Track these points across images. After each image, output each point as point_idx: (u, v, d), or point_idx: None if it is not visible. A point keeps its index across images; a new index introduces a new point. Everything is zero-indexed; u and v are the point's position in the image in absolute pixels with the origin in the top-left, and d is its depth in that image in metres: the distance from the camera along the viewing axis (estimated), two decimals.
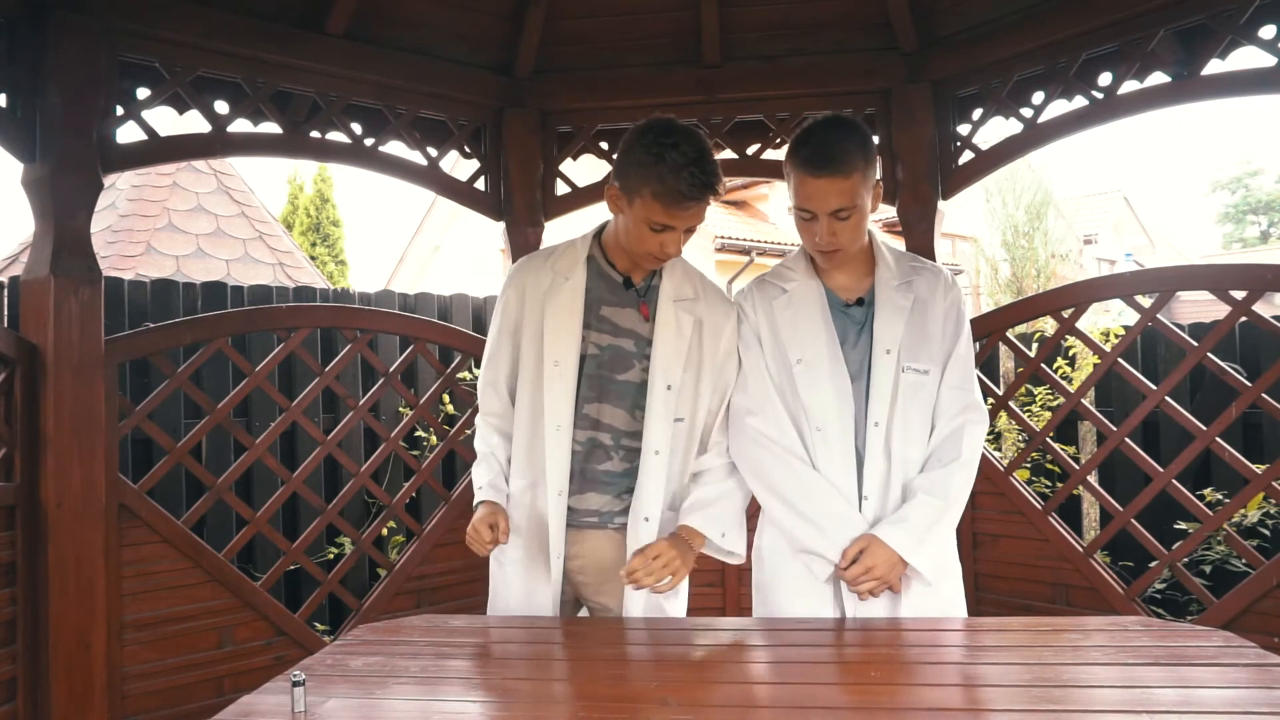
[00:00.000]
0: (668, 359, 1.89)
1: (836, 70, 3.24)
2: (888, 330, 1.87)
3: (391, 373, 3.24)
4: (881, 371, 1.85)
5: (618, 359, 1.92)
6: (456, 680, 1.52)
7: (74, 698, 2.42)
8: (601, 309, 1.92)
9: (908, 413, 1.86)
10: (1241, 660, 1.47)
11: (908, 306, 1.88)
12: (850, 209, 1.79)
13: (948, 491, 1.83)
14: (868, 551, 1.80)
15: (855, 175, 1.77)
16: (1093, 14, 2.76)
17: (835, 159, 1.76)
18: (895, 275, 1.92)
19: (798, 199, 1.83)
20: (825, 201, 1.78)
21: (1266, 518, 3.60)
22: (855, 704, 1.39)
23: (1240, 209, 35.43)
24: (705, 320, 1.94)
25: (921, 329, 1.88)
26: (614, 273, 1.95)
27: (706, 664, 1.65)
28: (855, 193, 1.78)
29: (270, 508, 2.95)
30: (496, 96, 3.34)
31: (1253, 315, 2.63)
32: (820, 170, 1.76)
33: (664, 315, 1.92)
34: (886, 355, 1.85)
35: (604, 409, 1.92)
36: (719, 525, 1.92)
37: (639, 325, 1.92)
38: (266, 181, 70.27)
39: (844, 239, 1.82)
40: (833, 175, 1.76)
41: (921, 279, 1.93)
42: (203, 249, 6.82)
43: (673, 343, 1.90)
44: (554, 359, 1.89)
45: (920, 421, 1.88)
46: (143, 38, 2.61)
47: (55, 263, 2.41)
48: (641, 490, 1.90)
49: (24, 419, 2.40)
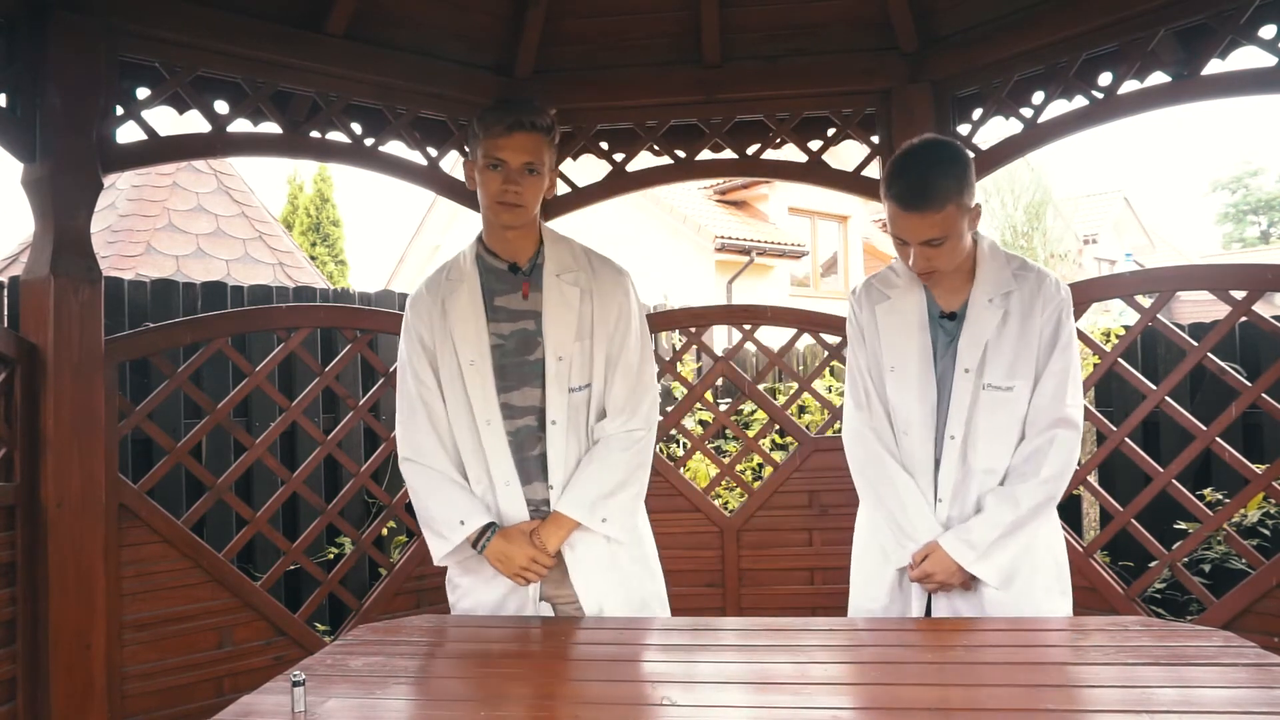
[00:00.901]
0: (557, 331, 1.95)
1: (836, 70, 3.24)
2: (969, 349, 1.90)
3: (391, 373, 3.24)
4: (960, 389, 1.90)
5: (524, 342, 1.97)
6: (456, 680, 1.52)
7: (74, 698, 2.41)
8: (495, 300, 1.98)
9: (987, 427, 1.89)
10: (1241, 660, 1.47)
11: (995, 322, 1.90)
12: (942, 238, 1.82)
13: (1017, 506, 1.86)
14: (930, 558, 1.88)
15: (949, 208, 1.80)
16: (1093, 14, 2.76)
17: (928, 196, 1.79)
18: (991, 289, 1.92)
19: (892, 227, 1.88)
20: (918, 234, 1.83)
21: (1266, 518, 3.61)
22: (855, 704, 1.40)
23: (1240, 209, 35.43)
24: (594, 290, 1.99)
25: (1013, 343, 1.89)
26: (497, 261, 2.00)
27: (707, 664, 1.65)
28: (947, 225, 1.81)
29: (270, 508, 2.95)
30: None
31: (1253, 315, 2.63)
32: (911, 206, 1.80)
33: (549, 290, 1.97)
34: (965, 374, 1.89)
35: (517, 394, 1.96)
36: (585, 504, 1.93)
37: (531, 305, 1.97)
38: (266, 181, 70.27)
39: (939, 263, 1.86)
40: (925, 211, 1.80)
41: (1022, 290, 1.92)
42: (203, 249, 6.82)
43: (561, 315, 1.96)
44: (469, 358, 1.94)
45: (1002, 435, 1.90)
46: (143, 38, 2.61)
47: (55, 263, 2.41)
48: (548, 461, 1.95)
49: (24, 419, 2.40)
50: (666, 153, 3.44)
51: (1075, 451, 1.89)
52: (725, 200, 15.79)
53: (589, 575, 1.97)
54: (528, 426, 1.96)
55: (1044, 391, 1.88)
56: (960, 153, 1.87)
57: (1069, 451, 1.88)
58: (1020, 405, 1.89)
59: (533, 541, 1.91)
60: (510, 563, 1.90)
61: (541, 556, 1.90)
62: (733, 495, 4.52)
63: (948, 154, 1.84)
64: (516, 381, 1.96)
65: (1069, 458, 1.88)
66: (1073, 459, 1.89)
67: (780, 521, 3.28)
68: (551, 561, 1.92)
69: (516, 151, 1.87)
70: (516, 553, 1.90)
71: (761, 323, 3.40)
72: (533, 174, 1.90)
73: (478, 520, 1.93)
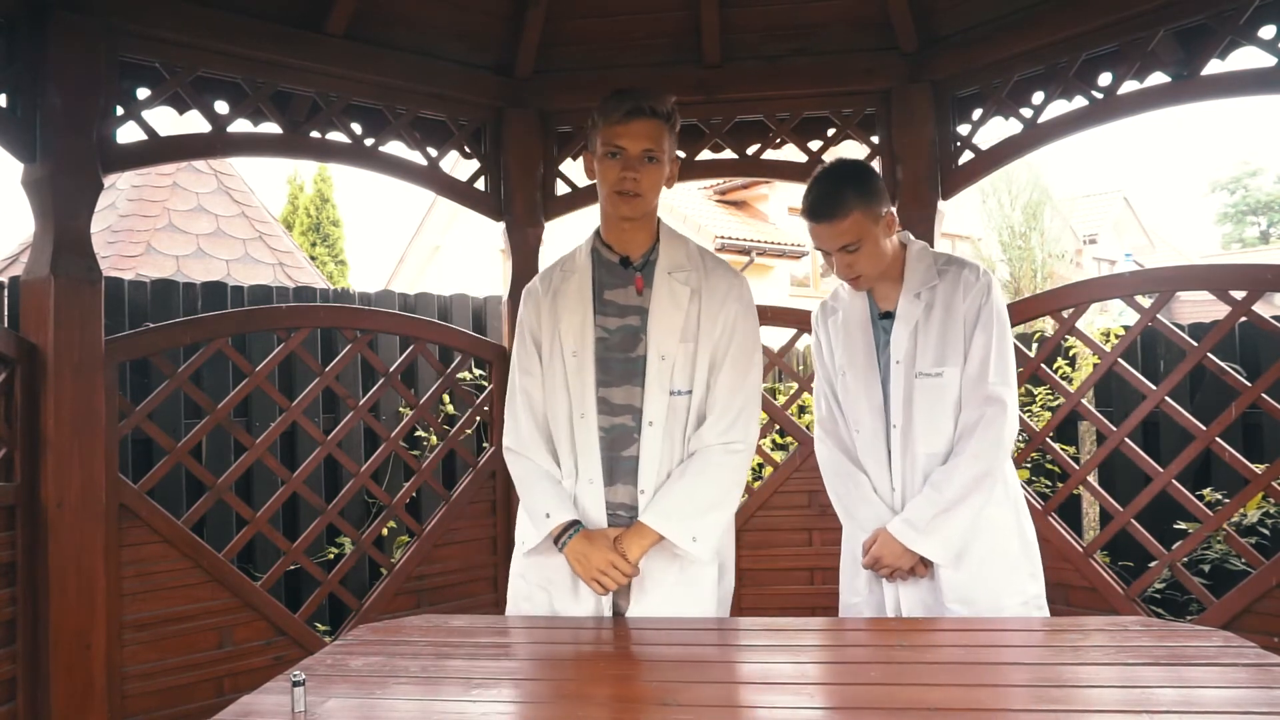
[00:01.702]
0: (662, 330, 1.89)
1: (836, 70, 3.24)
2: (898, 342, 2.04)
3: (391, 373, 3.24)
4: (895, 380, 2.04)
5: (628, 338, 1.91)
6: (456, 680, 1.52)
7: (74, 698, 2.41)
8: (605, 293, 1.94)
9: (925, 414, 2.01)
10: (1241, 660, 1.47)
11: (919, 316, 2.03)
12: (855, 243, 1.98)
13: (950, 482, 1.95)
14: (878, 543, 1.99)
15: (854, 215, 1.95)
16: (1092, 14, 2.76)
17: (832, 207, 1.97)
18: (916, 285, 2.05)
19: (812, 241, 2.06)
20: (830, 242, 1.99)
21: (1266, 517, 3.61)
22: (855, 703, 1.40)
23: (1240, 209, 35.42)
24: (705, 291, 1.93)
25: (938, 330, 2.01)
26: (611, 254, 1.96)
27: (707, 664, 1.65)
28: (856, 232, 1.97)
29: (270, 508, 2.95)
30: (496, 96, 3.34)
31: (1252, 315, 2.63)
32: (818, 217, 1.99)
33: (659, 287, 1.91)
34: (896, 365, 2.04)
35: (618, 391, 1.90)
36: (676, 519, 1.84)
37: (641, 301, 1.92)
38: (266, 181, 70.27)
39: (861, 267, 2.01)
40: (830, 220, 1.97)
41: (944, 282, 2.04)
42: (203, 249, 6.82)
43: (668, 314, 1.90)
44: (571, 349, 1.90)
45: (937, 419, 2.01)
46: (143, 38, 2.61)
47: (55, 263, 2.41)
48: (640, 463, 1.88)
49: (24, 419, 2.40)
50: None
51: (1004, 426, 1.96)
52: (725, 200, 15.78)
53: (651, 591, 1.87)
54: (623, 426, 1.89)
55: (969, 373, 2.00)
56: (864, 169, 2.03)
57: (997, 427, 1.95)
58: (952, 389, 2.00)
59: (615, 548, 1.82)
60: (588, 564, 1.81)
61: (621, 564, 1.80)
62: None
63: (851, 170, 2.02)
64: (618, 378, 1.90)
65: (998, 433, 1.95)
66: (1003, 433, 1.96)
67: (780, 521, 3.28)
68: (631, 570, 1.81)
69: (635, 139, 1.84)
70: (596, 556, 1.81)
71: (761, 323, 3.39)
72: (652, 162, 1.86)
73: (563, 515, 1.85)
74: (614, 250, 1.95)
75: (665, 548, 1.85)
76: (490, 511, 3.42)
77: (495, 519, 3.43)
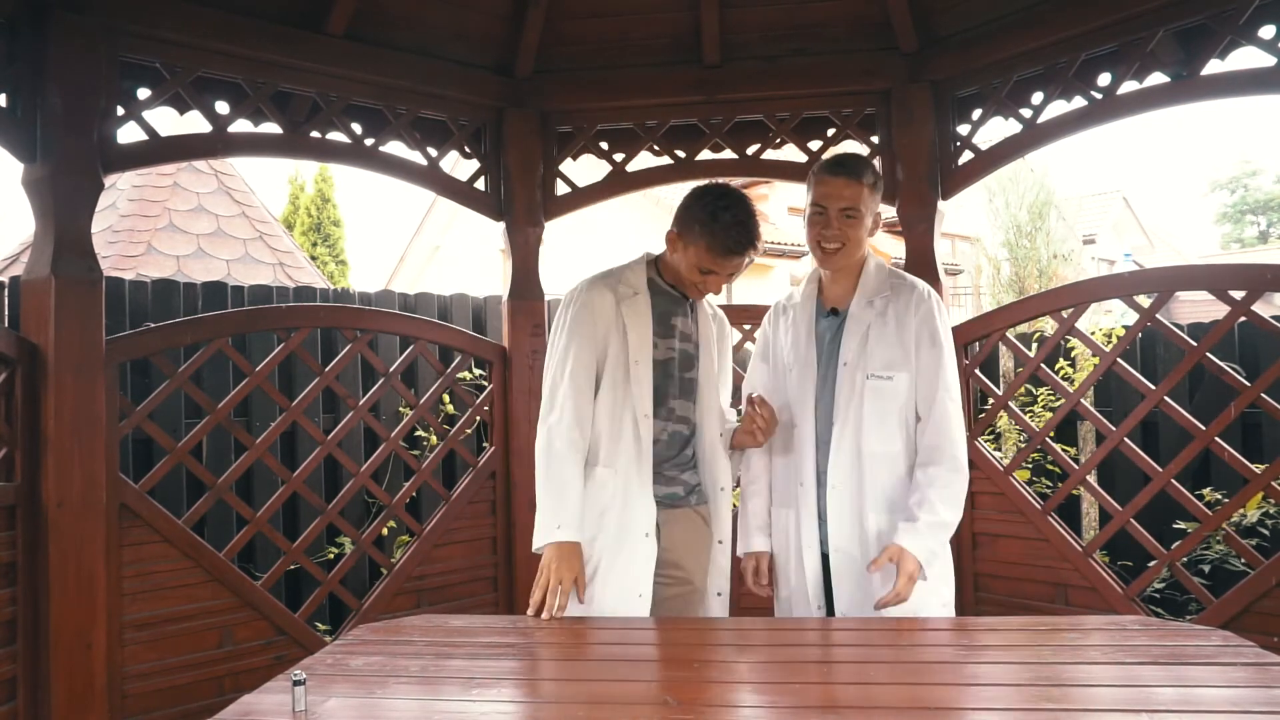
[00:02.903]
0: (709, 357, 2.27)
1: (836, 70, 3.24)
2: (849, 344, 2.13)
3: (391, 373, 3.24)
4: (843, 380, 2.13)
5: (686, 360, 2.23)
6: (456, 680, 1.53)
7: (74, 697, 2.42)
8: (671, 319, 2.21)
9: (874, 415, 2.10)
10: (1240, 659, 1.47)
11: (871, 321, 2.14)
12: (855, 211, 2.09)
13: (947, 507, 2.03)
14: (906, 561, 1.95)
15: (865, 184, 2.10)
16: (1092, 14, 2.76)
17: (855, 165, 2.13)
18: (871, 293, 2.16)
19: (814, 197, 2.14)
20: (838, 198, 2.09)
21: (1266, 517, 3.60)
22: (855, 703, 1.40)
23: (1239, 209, 35.42)
24: (718, 323, 2.35)
25: (890, 339, 2.12)
26: (673, 291, 2.23)
27: (707, 664, 1.65)
28: (861, 198, 2.09)
29: (270, 508, 2.95)
30: (496, 96, 3.34)
31: (1252, 315, 2.63)
32: (837, 170, 2.11)
33: (703, 323, 2.28)
34: (844, 367, 2.12)
35: (680, 403, 2.21)
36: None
37: (693, 331, 2.26)
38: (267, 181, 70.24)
39: (848, 237, 2.11)
40: (850, 176, 2.10)
41: (897, 296, 2.15)
42: (203, 249, 6.81)
43: (709, 344, 2.28)
44: (635, 358, 2.13)
45: (887, 420, 2.10)
46: (143, 38, 2.61)
47: (56, 263, 2.41)
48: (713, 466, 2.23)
49: (25, 419, 2.40)
50: (666, 153, 3.44)
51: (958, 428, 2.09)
52: None
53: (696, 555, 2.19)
54: (680, 432, 2.21)
55: (923, 386, 2.10)
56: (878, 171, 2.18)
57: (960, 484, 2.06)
58: (900, 394, 2.10)
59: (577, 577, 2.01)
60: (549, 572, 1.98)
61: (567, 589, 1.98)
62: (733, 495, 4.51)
63: (871, 160, 2.22)
64: (679, 391, 2.21)
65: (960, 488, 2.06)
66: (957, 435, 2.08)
67: None
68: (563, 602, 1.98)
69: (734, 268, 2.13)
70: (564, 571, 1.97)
71: (761, 323, 3.40)
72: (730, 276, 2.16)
73: (569, 535, 2.01)
74: (674, 287, 2.23)
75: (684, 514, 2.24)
76: (490, 511, 3.43)
77: (495, 519, 3.43)
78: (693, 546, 2.20)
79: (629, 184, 3.48)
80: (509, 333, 3.45)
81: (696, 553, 2.20)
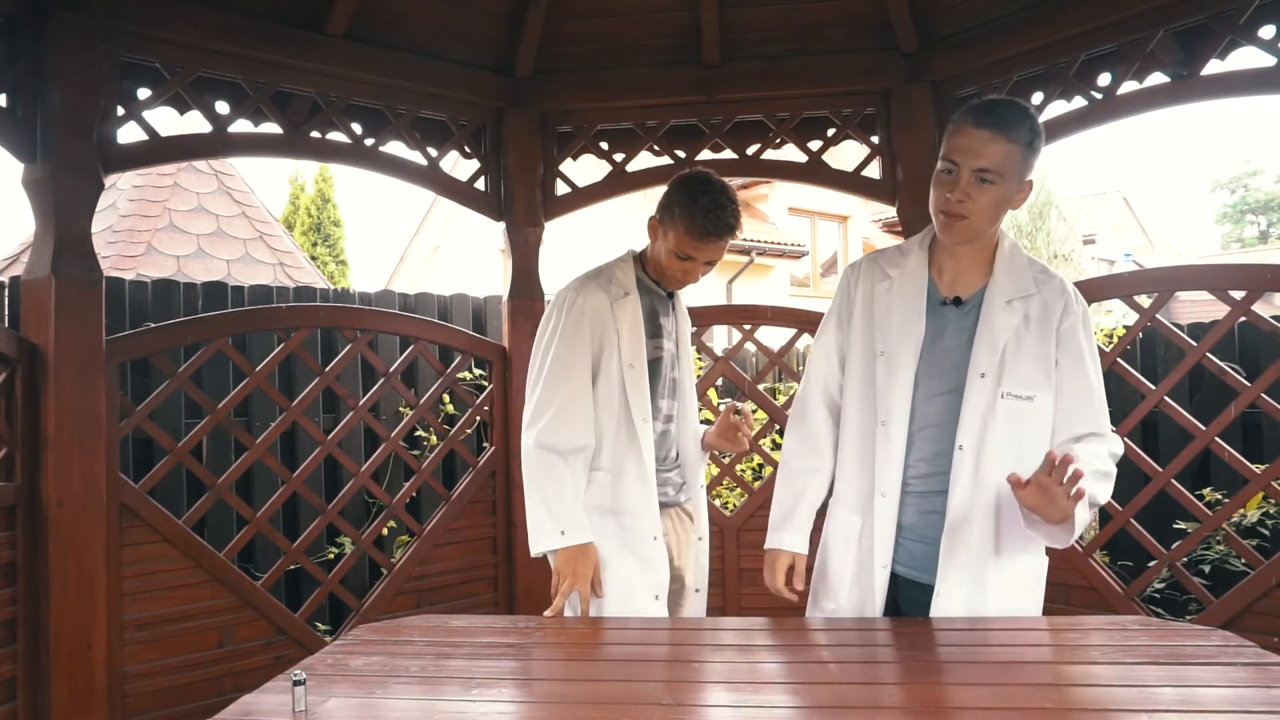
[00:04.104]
0: (687, 352, 2.31)
1: (836, 70, 3.24)
2: (986, 353, 1.73)
3: (391, 373, 3.24)
4: (975, 395, 1.73)
5: (672, 358, 2.25)
6: (457, 680, 1.53)
7: (74, 697, 2.42)
8: (661, 319, 2.21)
9: (1007, 438, 1.73)
10: (1240, 659, 1.47)
11: (1014, 325, 1.74)
12: (996, 175, 1.66)
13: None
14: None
15: (1017, 143, 1.66)
16: (1092, 14, 2.76)
17: (1001, 114, 1.66)
18: (1011, 289, 1.76)
19: (946, 149, 1.71)
20: (976, 155, 1.66)
21: (1266, 517, 3.60)
22: (855, 703, 1.40)
23: (1239, 209, 35.42)
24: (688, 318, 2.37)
25: (1033, 350, 1.74)
26: (659, 289, 2.22)
27: (707, 664, 1.65)
28: (1008, 160, 1.66)
29: (270, 508, 2.95)
30: (496, 96, 3.34)
31: (1252, 315, 2.63)
32: (983, 122, 1.66)
33: (681, 319, 2.30)
34: (981, 379, 1.72)
35: (670, 402, 2.24)
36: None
37: (675, 328, 2.28)
38: (267, 181, 70.24)
39: (977, 206, 1.69)
40: (994, 130, 1.65)
41: (1044, 295, 1.77)
42: (203, 249, 6.81)
43: (687, 344, 2.32)
44: (629, 361, 2.12)
45: (1022, 447, 1.73)
46: (143, 38, 2.61)
47: (56, 263, 2.41)
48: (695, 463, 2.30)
49: (25, 419, 2.41)
50: (666, 153, 3.44)
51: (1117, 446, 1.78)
52: None
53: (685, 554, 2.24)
54: (668, 431, 2.25)
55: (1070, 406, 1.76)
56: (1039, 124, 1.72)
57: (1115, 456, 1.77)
58: (1041, 417, 1.74)
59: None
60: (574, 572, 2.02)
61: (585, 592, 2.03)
62: (733, 495, 4.52)
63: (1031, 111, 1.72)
64: (667, 390, 2.23)
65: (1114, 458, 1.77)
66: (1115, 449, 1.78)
67: None
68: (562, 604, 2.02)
69: (711, 255, 2.10)
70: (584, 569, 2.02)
71: (761, 323, 3.40)
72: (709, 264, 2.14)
73: (580, 537, 2.03)
74: (658, 284, 2.22)
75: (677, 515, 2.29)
76: (490, 511, 3.43)
77: (495, 519, 3.43)
78: (682, 544, 2.25)
79: (629, 184, 3.49)
80: (509, 333, 3.45)
81: (684, 550, 2.25)
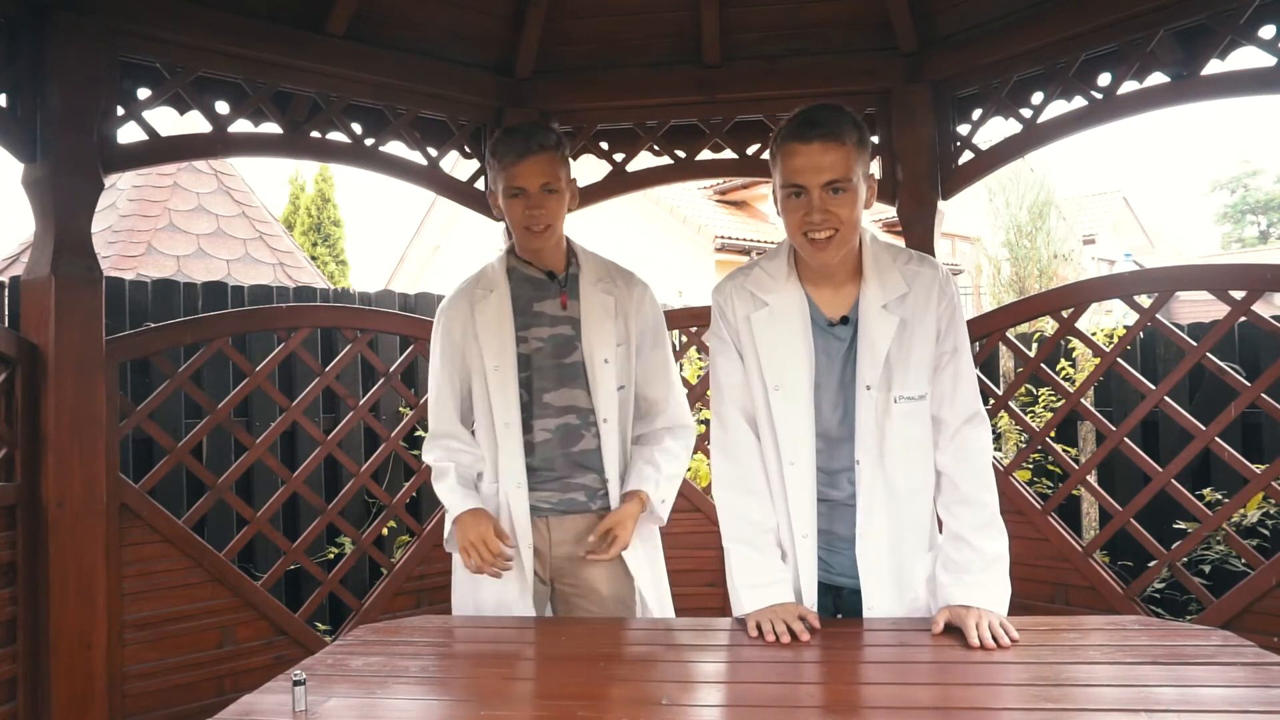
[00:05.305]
0: (600, 336, 2.08)
1: (836, 70, 3.24)
2: (869, 365, 1.71)
3: (391, 373, 3.24)
4: (865, 409, 1.71)
5: (562, 345, 2.09)
6: (457, 680, 1.53)
7: (74, 697, 2.42)
8: (534, 305, 2.09)
9: (902, 444, 1.73)
10: (1240, 659, 1.47)
11: (892, 331, 1.71)
12: (844, 182, 1.62)
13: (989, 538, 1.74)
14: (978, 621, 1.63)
15: (849, 145, 1.61)
16: (1092, 14, 2.76)
17: (826, 124, 1.62)
18: (883, 293, 1.73)
19: (786, 175, 1.64)
20: (819, 171, 1.61)
21: (1266, 518, 3.61)
22: (855, 703, 1.40)
23: (1239, 209, 35.43)
24: (626, 298, 2.15)
25: (914, 349, 1.72)
26: (535, 271, 2.12)
27: (705, 664, 1.65)
28: (849, 164, 1.61)
29: (270, 508, 2.95)
30: (496, 96, 3.34)
31: (1252, 315, 2.63)
32: (810, 136, 1.61)
33: (587, 298, 2.10)
34: (868, 391, 1.70)
35: (557, 394, 2.08)
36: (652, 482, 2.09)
37: (570, 312, 2.10)
38: (267, 181, 70.24)
39: (841, 218, 1.63)
40: (825, 140, 1.60)
41: (915, 290, 1.74)
42: (203, 249, 6.81)
43: (600, 321, 2.09)
44: (494, 364, 2.05)
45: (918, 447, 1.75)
46: (143, 38, 2.61)
47: (56, 263, 2.41)
48: (603, 455, 2.08)
49: (25, 419, 2.41)
50: (666, 153, 3.44)
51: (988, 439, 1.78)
52: (725, 200, 15.77)
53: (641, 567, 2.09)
54: (568, 424, 2.07)
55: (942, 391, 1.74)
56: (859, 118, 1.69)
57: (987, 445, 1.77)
58: (926, 412, 1.74)
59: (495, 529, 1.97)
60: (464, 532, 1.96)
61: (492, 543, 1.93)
62: None
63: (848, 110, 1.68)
64: (554, 383, 2.07)
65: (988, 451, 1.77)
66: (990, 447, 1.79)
67: None
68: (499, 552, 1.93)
69: (532, 176, 1.99)
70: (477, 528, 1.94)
71: None
72: (552, 193, 2.03)
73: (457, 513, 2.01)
74: (535, 266, 2.12)
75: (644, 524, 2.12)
76: None
77: None
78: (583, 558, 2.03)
79: (629, 184, 3.49)
80: None
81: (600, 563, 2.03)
